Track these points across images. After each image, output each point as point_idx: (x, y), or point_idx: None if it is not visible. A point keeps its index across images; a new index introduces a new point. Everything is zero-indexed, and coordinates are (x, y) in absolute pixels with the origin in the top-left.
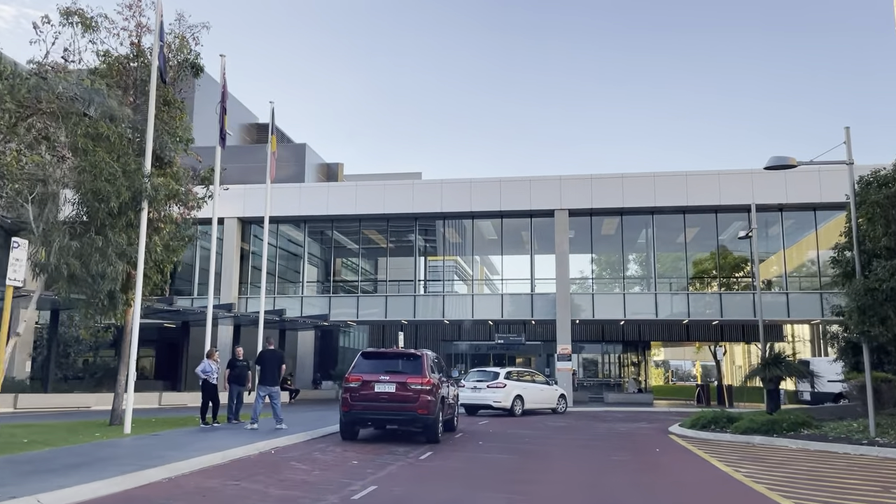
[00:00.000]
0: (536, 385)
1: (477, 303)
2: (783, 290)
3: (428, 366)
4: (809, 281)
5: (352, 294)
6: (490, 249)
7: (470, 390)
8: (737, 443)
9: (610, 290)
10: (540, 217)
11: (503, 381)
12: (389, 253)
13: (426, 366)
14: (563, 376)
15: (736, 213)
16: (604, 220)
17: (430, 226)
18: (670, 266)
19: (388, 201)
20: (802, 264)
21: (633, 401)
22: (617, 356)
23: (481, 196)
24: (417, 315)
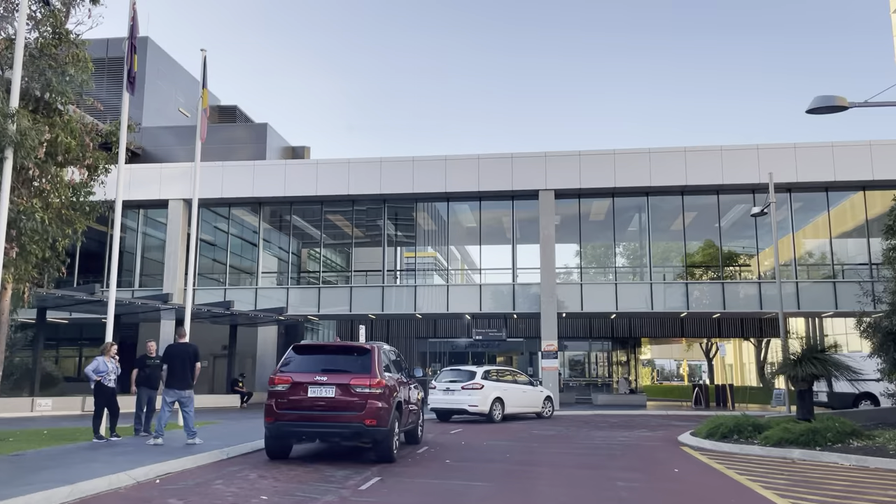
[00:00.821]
0: (519, 386)
1: (453, 295)
2: (792, 279)
3: (379, 363)
4: (819, 270)
5: (313, 286)
6: (468, 239)
7: (441, 393)
8: (772, 458)
9: (599, 281)
10: (523, 199)
11: (480, 382)
12: (356, 240)
13: (377, 363)
14: (548, 376)
15: (739, 195)
16: (593, 204)
17: (401, 209)
18: (666, 255)
19: (353, 181)
20: (810, 251)
21: (624, 403)
22: (605, 354)
23: (458, 175)
24: (386, 309)
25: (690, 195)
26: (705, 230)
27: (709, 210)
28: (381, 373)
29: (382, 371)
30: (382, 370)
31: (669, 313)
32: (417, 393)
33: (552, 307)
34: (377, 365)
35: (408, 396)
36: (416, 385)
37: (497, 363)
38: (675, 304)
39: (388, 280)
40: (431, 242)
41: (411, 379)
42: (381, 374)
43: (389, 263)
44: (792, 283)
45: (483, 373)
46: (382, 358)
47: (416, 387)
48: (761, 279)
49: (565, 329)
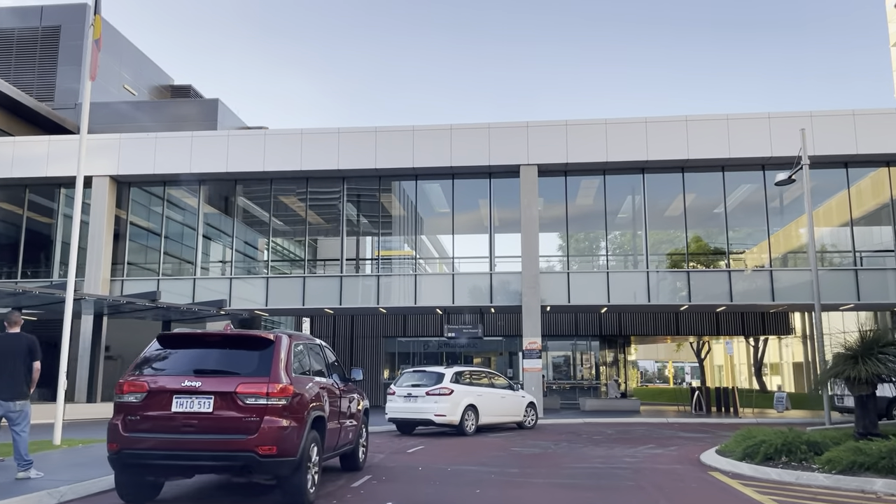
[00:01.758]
0: (496, 391)
1: (422, 286)
2: (806, 266)
3: (286, 360)
4: (839, 258)
5: (261, 276)
6: (439, 225)
7: (402, 400)
8: (846, 493)
9: (589, 269)
10: (502, 176)
11: (449, 387)
12: (312, 225)
13: (281, 360)
14: (531, 378)
15: (746, 171)
16: (581, 182)
17: (363, 189)
18: (663, 241)
19: (307, 155)
20: (828, 236)
21: (616, 408)
22: (592, 354)
23: (427, 148)
24: (346, 302)
25: (692, 171)
26: (707, 214)
27: (712, 190)
28: (288, 375)
29: (289, 372)
30: (289, 371)
31: (668, 307)
32: (357, 403)
33: (535, 300)
34: (281, 363)
35: (339, 408)
36: (357, 393)
37: (474, 364)
38: (674, 295)
39: (347, 270)
40: (398, 228)
41: (348, 384)
42: (288, 376)
43: (350, 252)
44: (804, 271)
45: (453, 375)
46: (291, 353)
47: (357, 395)
48: (772, 267)
49: (549, 326)
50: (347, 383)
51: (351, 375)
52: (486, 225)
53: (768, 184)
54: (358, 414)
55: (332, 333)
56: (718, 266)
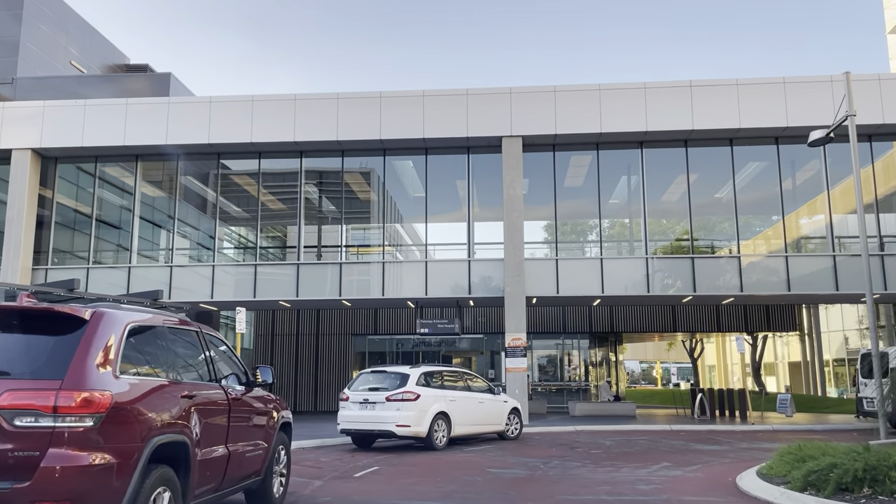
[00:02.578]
0: (473, 395)
1: (390, 275)
2: (825, 251)
3: (101, 351)
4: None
5: (205, 264)
6: (412, 210)
7: (357, 407)
8: None
9: (580, 255)
10: (482, 151)
11: (414, 390)
12: (265, 207)
13: (93, 351)
14: (514, 380)
15: (757, 146)
16: (571, 160)
17: (323, 165)
18: (664, 225)
19: (259, 125)
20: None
21: (609, 413)
22: (582, 353)
23: (396, 118)
24: (303, 293)
25: (696, 145)
26: (713, 194)
27: (719, 167)
28: (106, 375)
29: (113, 371)
30: (113, 369)
31: (668, 298)
32: (268, 416)
33: (519, 290)
34: (93, 356)
35: (228, 426)
36: (269, 402)
37: (452, 365)
38: (676, 285)
39: (309, 259)
40: (365, 211)
41: (249, 387)
42: (105, 377)
43: (312, 240)
44: (825, 257)
45: (420, 376)
46: (122, 341)
47: (268, 404)
48: (788, 253)
49: (534, 322)
50: (251, 388)
51: (256, 376)
52: (464, 209)
53: (783, 158)
54: (269, 431)
55: (295, 331)
56: (726, 252)
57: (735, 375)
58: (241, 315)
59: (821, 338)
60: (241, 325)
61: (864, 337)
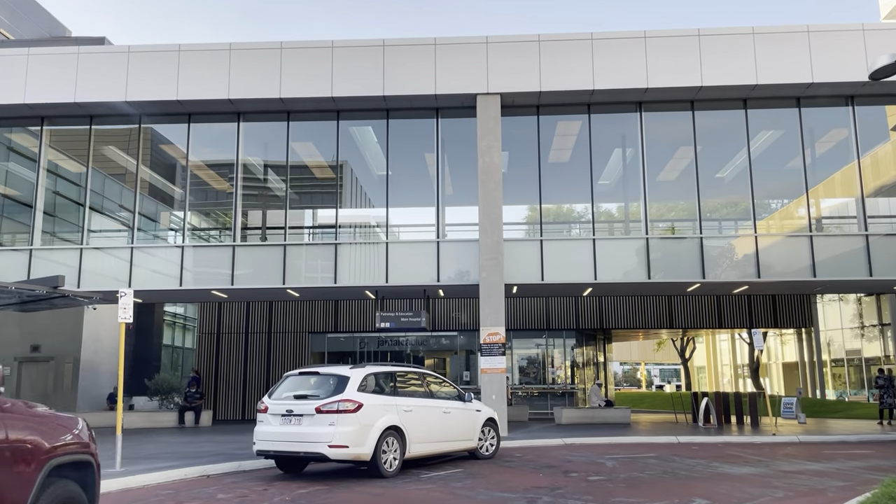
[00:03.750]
0: (438, 403)
1: (344, 259)
2: (860, 230)
3: None
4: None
5: (119, 246)
6: (373, 185)
7: (278, 421)
8: None
9: (569, 236)
10: (453, 114)
11: (354, 398)
12: (195, 178)
13: None
14: (491, 383)
15: (775, 108)
16: (557, 127)
17: (265, 130)
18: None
19: (185, 80)
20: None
21: (600, 420)
22: (567, 352)
23: (351, 72)
24: (238, 280)
25: (705, 108)
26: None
27: (730, 135)
28: None
29: None
30: None
31: (672, 285)
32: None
33: (497, 276)
34: None
35: None
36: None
37: (426, 367)
38: (681, 270)
39: (238, 238)
40: (317, 185)
41: None
42: None
43: (255, 220)
44: (856, 237)
45: (364, 379)
46: None
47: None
48: (813, 233)
49: (514, 317)
50: None
51: None
52: (433, 183)
53: (805, 123)
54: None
55: (244, 329)
56: (739, 231)
57: (725, 377)
58: (127, 299)
59: (819, 336)
60: (126, 313)
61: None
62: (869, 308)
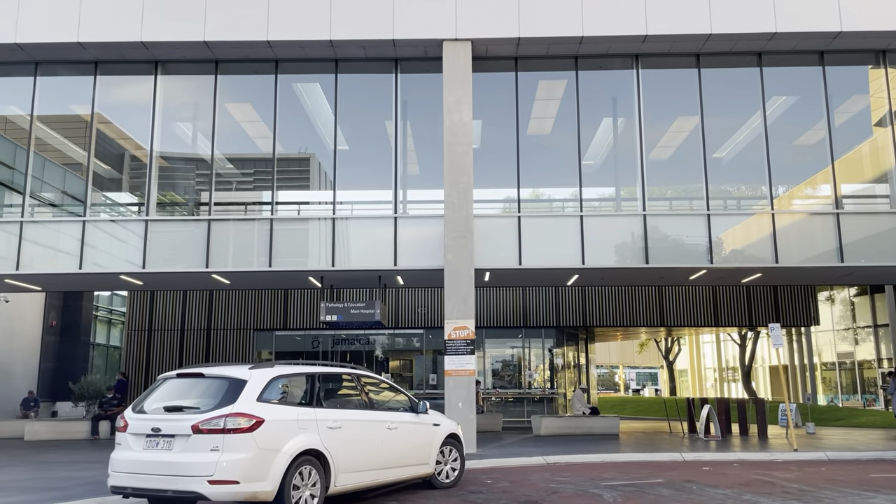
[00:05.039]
0: (378, 417)
1: (282, 237)
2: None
3: None
4: None
5: (11, 221)
6: (320, 150)
7: (141, 445)
8: None
9: (551, 212)
10: (415, 67)
11: (250, 411)
12: (102, 137)
13: None
14: (457, 388)
15: (793, 66)
16: (539, 86)
17: (191, 86)
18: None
19: (89, 19)
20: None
21: (585, 431)
22: (546, 353)
23: (290, 11)
24: (151, 263)
25: (712, 63)
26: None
27: (741, 98)
28: None
29: None
30: None
31: (674, 271)
32: None
33: (466, 258)
34: None
35: None
36: None
37: (391, 369)
38: (686, 253)
39: (152, 211)
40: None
41: None
42: None
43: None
44: (891, 215)
45: (269, 383)
46: None
47: None
48: (840, 210)
49: (487, 312)
50: None
51: None
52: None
53: (829, 80)
54: None
55: (180, 325)
56: (753, 208)
57: (709, 381)
58: None
59: (811, 337)
60: None
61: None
62: (862, 308)
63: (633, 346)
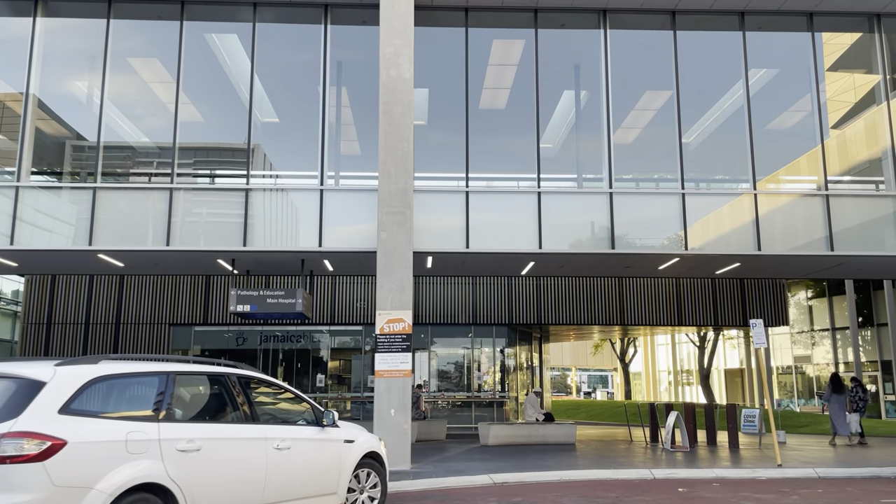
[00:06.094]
0: (259, 433)
1: (182, 210)
2: (891, 189)
3: None
4: None
5: None
6: (235, 115)
7: None
8: None
9: (505, 187)
10: (348, 18)
11: (44, 430)
12: None
13: None
14: (390, 392)
15: (778, 31)
16: (492, 49)
17: (75, 23)
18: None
19: None
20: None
21: (539, 440)
22: (497, 353)
23: None
24: (21, 238)
25: (687, 25)
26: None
27: (716, 72)
28: None
29: None
30: None
31: (644, 258)
32: None
33: (402, 238)
34: None
35: None
36: None
37: (330, 369)
38: (658, 236)
39: (22, 178)
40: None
41: None
42: None
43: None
44: (886, 198)
45: (81, 388)
46: None
47: None
48: (830, 191)
49: (432, 308)
50: None
51: None
52: (318, 112)
53: (819, 50)
54: None
55: (84, 317)
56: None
57: (663, 384)
58: None
59: (769, 340)
60: None
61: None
62: (819, 311)
63: (587, 348)
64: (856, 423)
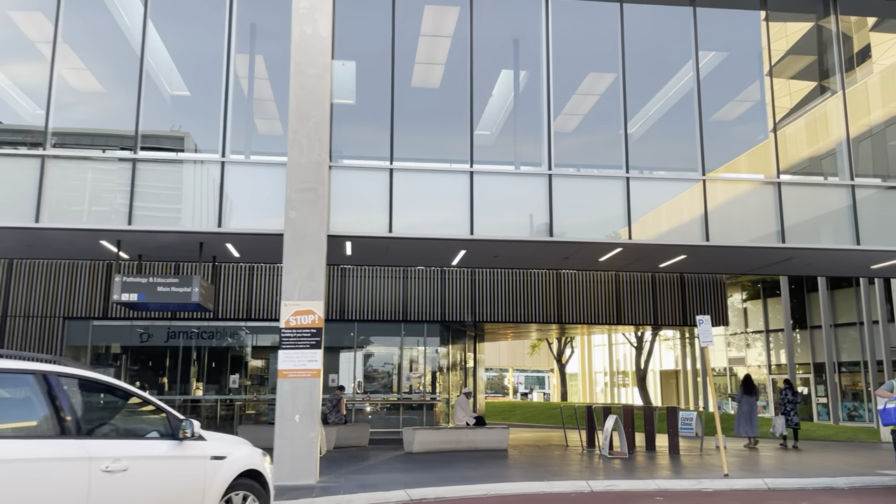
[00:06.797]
0: (82, 452)
1: (56, 178)
2: (845, 179)
3: None
4: None
5: None
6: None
7: None
8: None
9: (434, 167)
10: None
11: None
12: None
13: None
14: (294, 393)
15: (730, 10)
16: (423, 17)
17: None
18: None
19: None
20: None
21: (467, 445)
22: (428, 352)
23: None
24: None
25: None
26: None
27: (663, 55)
28: None
29: None
30: None
31: (587, 247)
32: None
33: (315, 217)
34: None
35: None
36: None
37: (250, 370)
38: (599, 225)
39: None
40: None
41: None
42: None
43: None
44: (839, 188)
45: None
46: None
47: None
48: (781, 179)
49: (359, 304)
50: None
51: None
52: (221, 73)
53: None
54: None
55: None
56: (680, 175)
57: (599, 385)
58: None
59: None
60: None
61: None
62: (754, 314)
63: (524, 348)
64: (781, 426)
